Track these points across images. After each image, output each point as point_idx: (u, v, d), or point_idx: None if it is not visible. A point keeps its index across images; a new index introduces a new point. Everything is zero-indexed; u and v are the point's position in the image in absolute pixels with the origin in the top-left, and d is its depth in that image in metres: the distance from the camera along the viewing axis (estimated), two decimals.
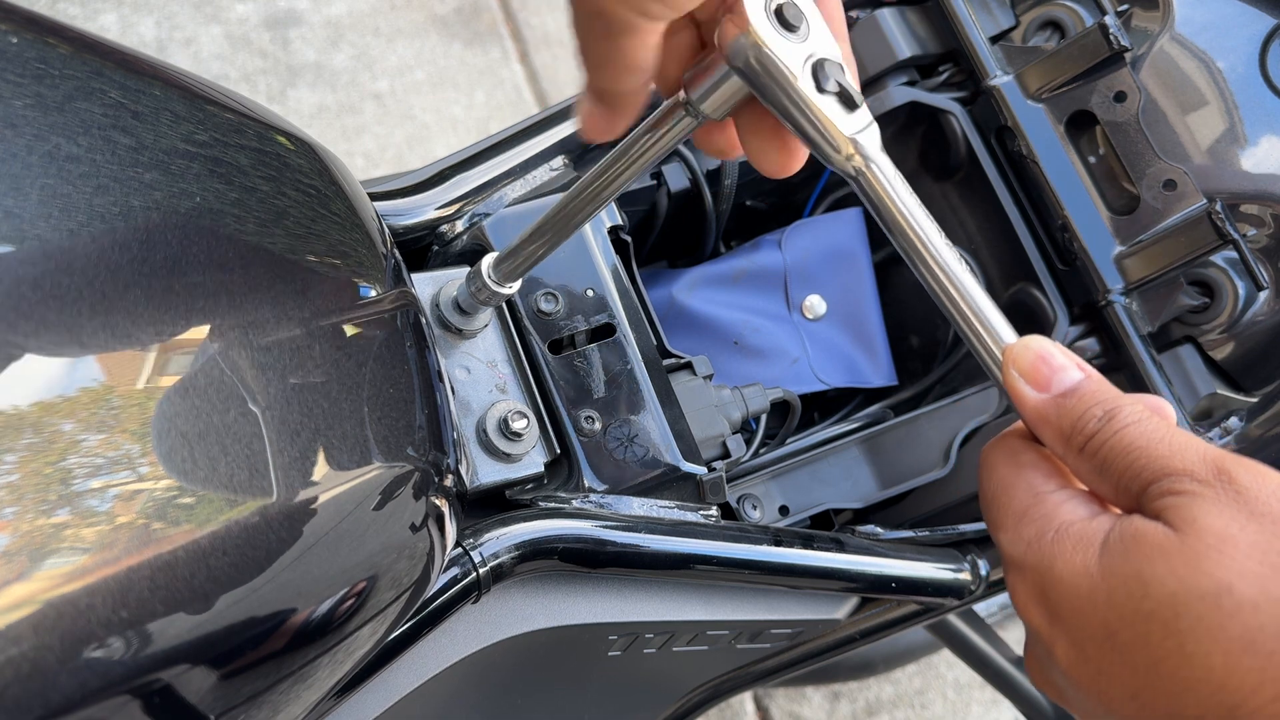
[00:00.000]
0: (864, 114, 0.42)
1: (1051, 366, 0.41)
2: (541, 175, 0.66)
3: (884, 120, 0.73)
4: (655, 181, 0.73)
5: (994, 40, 0.72)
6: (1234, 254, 0.67)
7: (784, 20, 0.40)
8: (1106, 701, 0.37)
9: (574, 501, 0.58)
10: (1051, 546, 0.38)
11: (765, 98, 0.41)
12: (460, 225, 0.64)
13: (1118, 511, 0.39)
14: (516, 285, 0.56)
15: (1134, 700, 0.36)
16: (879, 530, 0.69)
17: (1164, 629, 0.35)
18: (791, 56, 0.40)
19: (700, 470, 0.61)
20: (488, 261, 0.56)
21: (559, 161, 0.66)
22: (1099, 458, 0.39)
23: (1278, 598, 0.33)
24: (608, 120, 0.43)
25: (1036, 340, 0.42)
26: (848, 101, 0.41)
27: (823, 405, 0.80)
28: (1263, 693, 0.33)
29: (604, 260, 0.64)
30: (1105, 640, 0.36)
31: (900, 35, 0.72)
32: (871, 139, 0.42)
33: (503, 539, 0.55)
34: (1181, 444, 0.38)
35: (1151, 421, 0.39)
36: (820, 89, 0.40)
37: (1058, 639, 0.38)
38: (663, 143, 0.46)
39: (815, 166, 0.76)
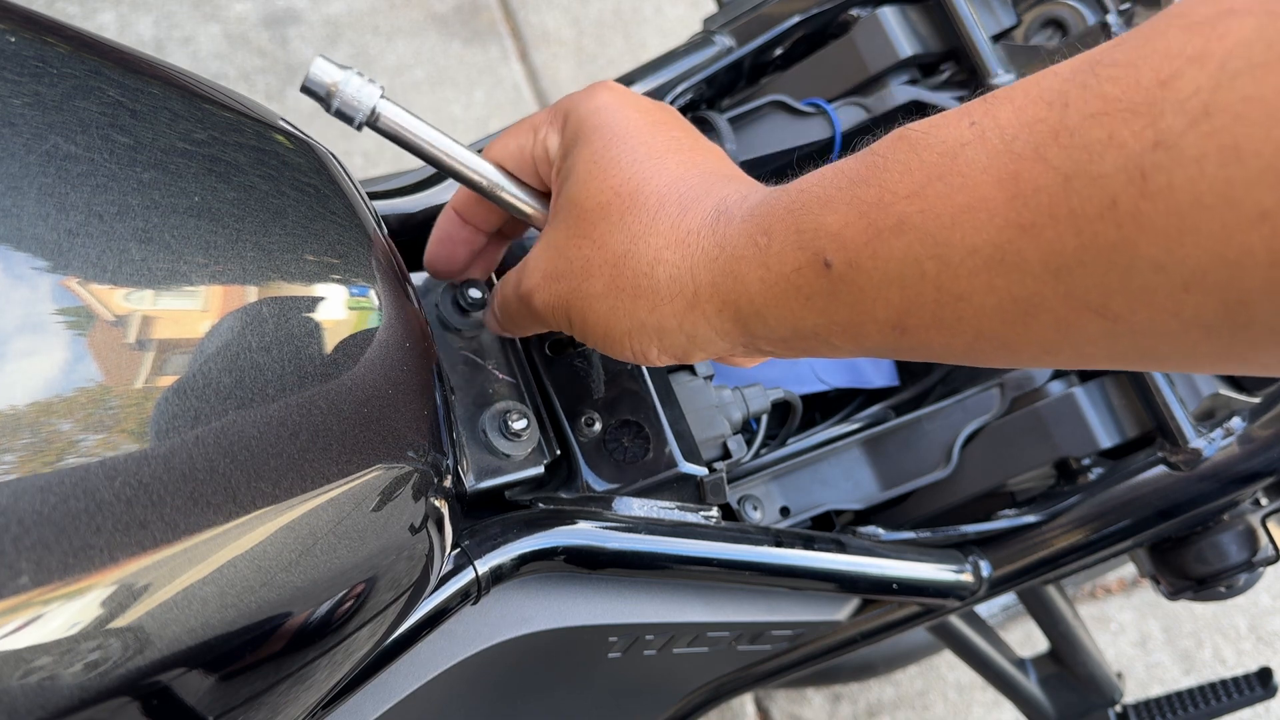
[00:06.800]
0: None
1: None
2: None
3: (886, 119, 0.73)
4: None
5: (996, 39, 0.72)
6: None
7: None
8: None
9: (574, 502, 0.58)
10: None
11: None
12: None
13: None
14: None
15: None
16: (880, 531, 0.69)
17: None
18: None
19: (701, 471, 0.61)
20: None
21: None
22: None
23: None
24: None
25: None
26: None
27: (824, 406, 0.80)
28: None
29: None
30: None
31: (902, 34, 0.72)
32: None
33: (502, 540, 0.54)
34: None
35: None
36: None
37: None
38: None
39: (816, 165, 0.76)
